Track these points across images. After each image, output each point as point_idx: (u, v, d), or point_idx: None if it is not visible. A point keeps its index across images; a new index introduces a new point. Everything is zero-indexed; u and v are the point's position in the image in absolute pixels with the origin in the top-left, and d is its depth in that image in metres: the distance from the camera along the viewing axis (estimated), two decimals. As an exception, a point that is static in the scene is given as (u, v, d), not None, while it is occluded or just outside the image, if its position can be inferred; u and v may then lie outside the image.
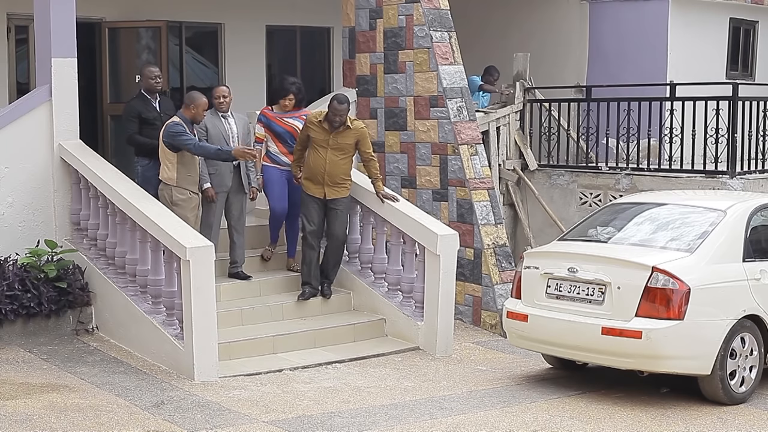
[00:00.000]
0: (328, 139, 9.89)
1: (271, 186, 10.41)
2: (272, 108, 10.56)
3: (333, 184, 9.99)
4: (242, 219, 10.21)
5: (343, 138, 9.92)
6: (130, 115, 10.07)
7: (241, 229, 10.21)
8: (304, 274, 10.23)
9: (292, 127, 10.38)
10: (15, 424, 7.27)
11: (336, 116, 9.82)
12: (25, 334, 9.49)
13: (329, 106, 9.89)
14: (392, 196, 10.23)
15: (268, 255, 10.64)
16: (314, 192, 10.02)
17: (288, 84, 10.46)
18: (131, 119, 10.05)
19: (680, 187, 11.85)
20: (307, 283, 10.17)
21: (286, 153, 10.35)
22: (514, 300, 8.91)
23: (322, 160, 9.93)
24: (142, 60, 13.11)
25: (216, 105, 10.01)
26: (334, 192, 10.02)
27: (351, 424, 7.53)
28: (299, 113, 10.46)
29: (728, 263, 8.31)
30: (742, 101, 12.00)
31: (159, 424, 7.42)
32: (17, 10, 12.38)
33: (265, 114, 10.49)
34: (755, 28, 16.08)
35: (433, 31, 11.46)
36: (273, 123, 10.42)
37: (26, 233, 9.90)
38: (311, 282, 10.16)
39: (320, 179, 9.96)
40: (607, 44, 14.80)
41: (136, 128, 10.01)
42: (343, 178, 10.05)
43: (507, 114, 13.29)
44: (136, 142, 10.02)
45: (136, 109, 10.07)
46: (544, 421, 7.71)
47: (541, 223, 13.10)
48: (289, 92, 10.40)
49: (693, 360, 8.02)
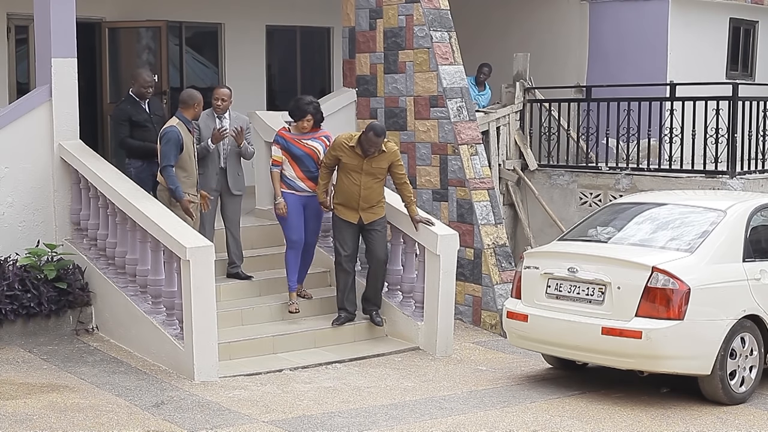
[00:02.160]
0: (362, 165, 9.54)
1: (289, 217, 9.87)
2: (289, 129, 10.01)
3: (369, 208, 9.66)
4: (236, 219, 10.18)
5: (378, 162, 9.58)
6: (120, 118, 10.00)
7: (236, 230, 10.18)
8: (339, 300, 9.92)
9: (311, 149, 9.89)
10: (15, 424, 7.27)
11: (371, 147, 9.48)
12: (25, 334, 9.49)
13: (365, 135, 9.49)
14: (427, 219, 9.84)
15: (294, 308, 9.96)
16: (349, 217, 9.68)
17: (305, 104, 9.90)
18: (122, 123, 9.97)
19: (680, 187, 11.85)
20: (342, 309, 9.87)
21: (304, 178, 9.85)
22: (514, 300, 8.91)
23: (356, 186, 9.58)
24: (143, 60, 13.11)
25: (213, 106, 9.95)
26: (371, 215, 9.69)
27: (351, 424, 7.53)
28: (318, 134, 9.99)
29: (728, 263, 8.31)
30: (742, 101, 12.00)
31: (159, 424, 7.42)
32: (17, 10, 12.39)
33: (283, 135, 9.93)
34: (755, 28, 16.08)
35: (433, 31, 11.46)
36: (292, 145, 9.86)
37: (26, 233, 9.89)
38: (347, 307, 9.86)
39: (355, 204, 9.63)
40: (607, 44, 14.80)
41: (128, 132, 9.93)
42: (378, 200, 9.73)
43: (507, 114, 13.30)
44: (128, 146, 9.96)
45: (126, 113, 9.99)
46: (544, 421, 7.71)
47: (541, 223, 13.11)
48: (307, 113, 9.84)
49: (693, 360, 8.01)
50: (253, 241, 10.74)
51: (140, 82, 10.08)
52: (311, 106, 9.88)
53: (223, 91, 10.01)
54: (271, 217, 11.28)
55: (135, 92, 10.10)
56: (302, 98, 10.09)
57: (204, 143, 9.77)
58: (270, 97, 14.87)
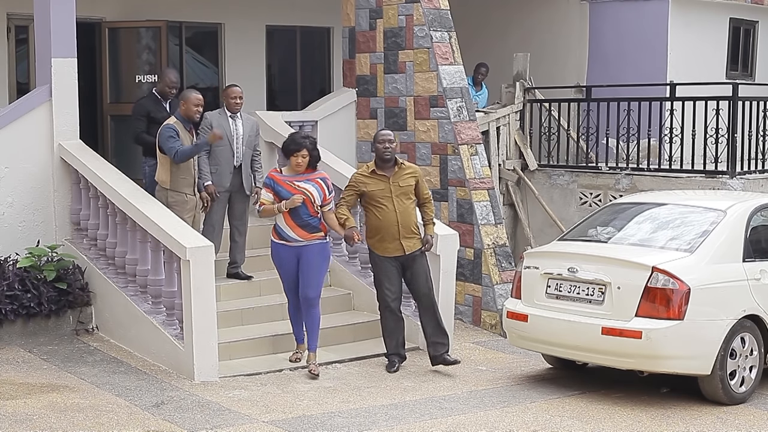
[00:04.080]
0: (390, 187, 8.90)
1: (281, 270, 8.96)
2: (281, 170, 8.89)
3: (409, 234, 8.92)
4: (244, 219, 10.19)
5: (404, 180, 8.95)
6: (139, 113, 10.07)
7: (243, 229, 10.19)
8: (391, 346, 9.12)
9: (304, 192, 8.70)
10: (15, 424, 7.28)
11: (385, 146, 8.86)
12: (25, 334, 9.49)
13: (375, 144, 8.98)
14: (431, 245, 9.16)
15: (296, 357, 9.10)
16: (391, 251, 8.91)
17: (300, 138, 8.80)
18: (140, 117, 10.05)
19: (680, 187, 11.85)
20: (395, 354, 9.14)
21: (295, 226, 8.70)
22: (514, 300, 8.92)
23: (391, 213, 8.86)
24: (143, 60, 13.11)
25: (231, 106, 9.92)
26: (412, 243, 8.94)
27: (351, 424, 7.53)
28: (313, 176, 8.80)
29: (728, 263, 8.31)
30: (742, 101, 12.00)
31: (159, 424, 7.42)
32: (17, 10, 12.38)
33: (273, 177, 8.78)
34: (755, 28, 16.08)
35: (433, 31, 11.46)
36: (281, 188, 8.70)
37: (26, 233, 9.90)
38: (400, 352, 9.16)
39: (395, 234, 8.86)
40: (607, 44, 14.80)
41: (144, 127, 10.00)
42: (416, 224, 9.04)
43: (507, 114, 13.30)
44: (143, 141, 10.01)
45: (145, 108, 10.08)
46: (544, 421, 7.71)
47: (541, 223, 13.10)
48: (302, 147, 8.66)
49: (693, 360, 8.02)
50: (253, 241, 10.73)
51: (165, 81, 10.16)
52: (308, 141, 8.76)
53: (238, 90, 10.01)
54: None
55: (158, 91, 10.20)
56: (297, 132, 9.42)
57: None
58: (270, 97, 14.87)
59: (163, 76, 10.28)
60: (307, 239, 8.74)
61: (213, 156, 9.81)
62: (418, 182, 9.04)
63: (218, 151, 9.82)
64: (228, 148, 9.86)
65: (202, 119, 9.73)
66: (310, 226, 8.75)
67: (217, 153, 9.82)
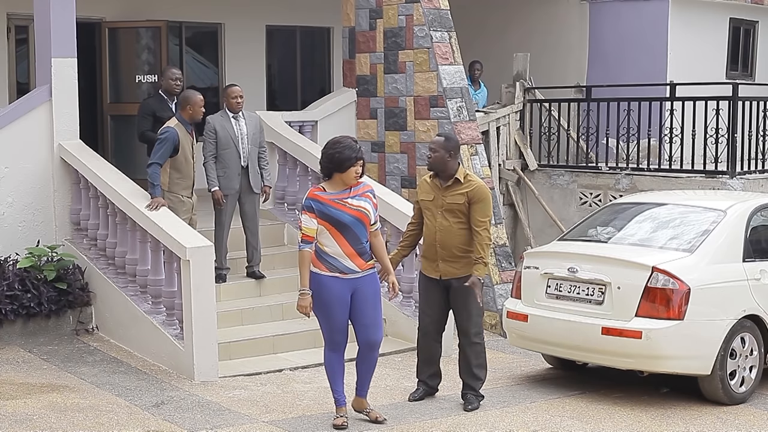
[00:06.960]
0: (437, 198, 7.83)
1: (332, 310, 7.20)
2: (324, 188, 7.17)
3: (451, 258, 7.76)
4: (255, 219, 10.18)
5: (453, 196, 7.75)
6: (145, 112, 10.08)
7: (255, 229, 10.18)
8: (419, 372, 8.26)
9: (360, 212, 7.14)
10: (15, 424, 7.28)
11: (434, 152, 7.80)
12: (25, 334, 9.49)
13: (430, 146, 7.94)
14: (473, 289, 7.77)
15: (342, 422, 7.35)
16: (429, 271, 7.93)
17: (352, 142, 7.14)
18: (145, 116, 10.05)
19: (680, 187, 11.85)
20: (422, 382, 8.26)
21: (354, 254, 7.12)
22: (514, 300, 8.91)
23: (431, 229, 7.85)
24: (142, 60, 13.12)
25: (233, 105, 9.92)
26: (452, 269, 7.79)
27: (351, 424, 7.51)
28: (360, 190, 7.20)
29: (728, 263, 8.31)
30: (742, 101, 12.00)
31: (159, 424, 7.42)
32: (17, 10, 12.39)
33: (316, 197, 7.07)
34: (755, 28, 16.08)
35: (433, 31, 11.46)
36: (332, 209, 7.06)
37: (26, 233, 9.90)
38: (427, 381, 8.24)
39: (433, 253, 7.85)
40: (607, 44, 14.81)
41: (150, 126, 10.00)
42: (462, 249, 7.75)
43: (507, 114, 13.30)
44: (148, 139, 10.01)
45: (151, 107, 10.09)
46: (544, 421, 7.70)
47: (541, 223, 13.10)
48: (360, 154, 7.10)
49: (693, 360, 8.02)
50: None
51: (168, 76, 10.19)
52: (359, 145, 7.18)
53: (238, 89, 10.01)
54: (273, 217, 11.31)
55: (164, 89, 10.20)
56: (344, 138, 7.23)
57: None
58: (270, 97, 14.88)
59: (165, 74, 10.29)
60: (363, 269, 7.22)
61: (220, 159, 9.81)
62: (470, 203, 7.72)
63: (225, 154, 9.82)
64: (234, 150, 9.85)
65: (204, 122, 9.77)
66: (367, 254, 7.27)
67: (224, 156, 9.82)
